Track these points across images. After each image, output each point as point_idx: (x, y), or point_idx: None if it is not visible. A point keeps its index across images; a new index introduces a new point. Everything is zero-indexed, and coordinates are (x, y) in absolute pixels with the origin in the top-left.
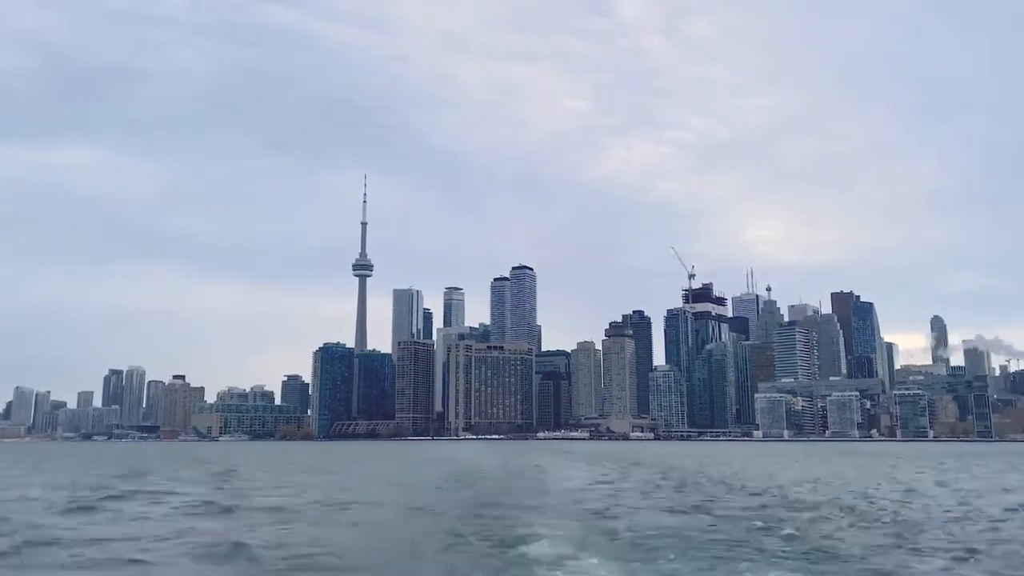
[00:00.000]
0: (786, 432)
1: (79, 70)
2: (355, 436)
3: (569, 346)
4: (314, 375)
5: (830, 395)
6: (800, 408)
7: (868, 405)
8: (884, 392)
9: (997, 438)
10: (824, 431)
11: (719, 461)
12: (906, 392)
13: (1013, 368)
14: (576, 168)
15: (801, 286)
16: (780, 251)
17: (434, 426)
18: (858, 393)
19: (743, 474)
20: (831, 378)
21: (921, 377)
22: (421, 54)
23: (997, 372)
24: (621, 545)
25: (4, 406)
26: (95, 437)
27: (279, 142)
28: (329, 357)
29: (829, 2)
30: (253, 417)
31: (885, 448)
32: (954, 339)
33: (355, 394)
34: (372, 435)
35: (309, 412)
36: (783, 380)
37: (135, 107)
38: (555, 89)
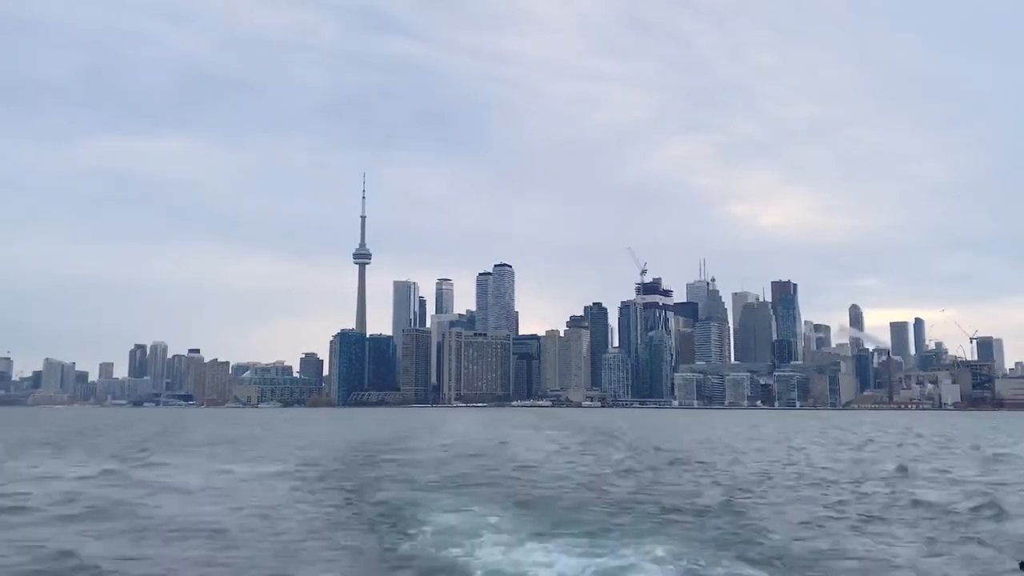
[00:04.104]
0: (696, 402)
1: (206, 80)
2: (368, 404)
3: (548, 325)
4: (332, 354)
5: (728, 375)
6: (709, 384)
7: (762, 382)
8: (770, 373)
9: (841, 407)
10: (723, 402)
11: (612, 419)
12: (781, 374)
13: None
14: (616, 167)
15: (799, 265)
16: (794, 237)
17: (431, 396)
18: (749, 374)
19: (613, 423)
20: (732, 361)
21: (800, 362)
22: (514, 73)
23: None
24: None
25: (32, 375)
26: (145, 404)
27: (360, 143)
28: (346, 340)
29: (867, 35)
30: (283, 388)
31: (735, 413)
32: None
33: (366, 370)
34: (382, 403)
35: (324, 385)
36: (698, 363)
37: (247, 112)
38: (623, 99)
